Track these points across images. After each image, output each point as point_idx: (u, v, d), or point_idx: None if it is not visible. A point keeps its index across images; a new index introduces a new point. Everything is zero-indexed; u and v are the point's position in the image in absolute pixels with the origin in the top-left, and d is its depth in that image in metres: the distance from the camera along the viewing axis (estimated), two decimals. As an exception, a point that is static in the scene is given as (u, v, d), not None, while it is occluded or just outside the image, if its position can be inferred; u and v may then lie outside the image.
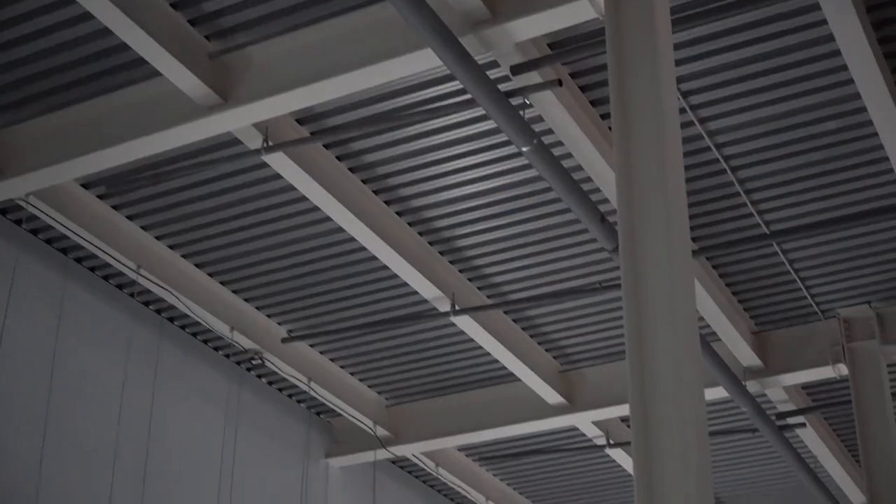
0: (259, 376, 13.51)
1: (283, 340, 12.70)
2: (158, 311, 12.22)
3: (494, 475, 16.34)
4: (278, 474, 13.66)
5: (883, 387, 12.19)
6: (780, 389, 13.33)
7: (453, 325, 12.28)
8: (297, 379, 13.03)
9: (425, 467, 15.21)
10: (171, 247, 11.39)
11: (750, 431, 14.31)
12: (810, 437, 14.43)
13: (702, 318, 11.90)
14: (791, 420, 13.89)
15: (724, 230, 11.13)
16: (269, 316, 12.54)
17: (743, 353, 12.56)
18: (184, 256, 11.54)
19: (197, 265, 11.68)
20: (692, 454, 6.13)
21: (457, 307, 11.68)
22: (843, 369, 12.50)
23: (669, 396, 6.26)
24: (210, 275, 11.83)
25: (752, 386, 12.77)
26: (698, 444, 6.21)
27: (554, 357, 13.41)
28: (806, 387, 13.96)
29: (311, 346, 13.14)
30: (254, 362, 12.75)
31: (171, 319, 12.36)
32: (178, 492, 12.15)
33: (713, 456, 15.66)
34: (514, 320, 12.69)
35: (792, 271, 11.82)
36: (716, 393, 12.60)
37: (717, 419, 14.58)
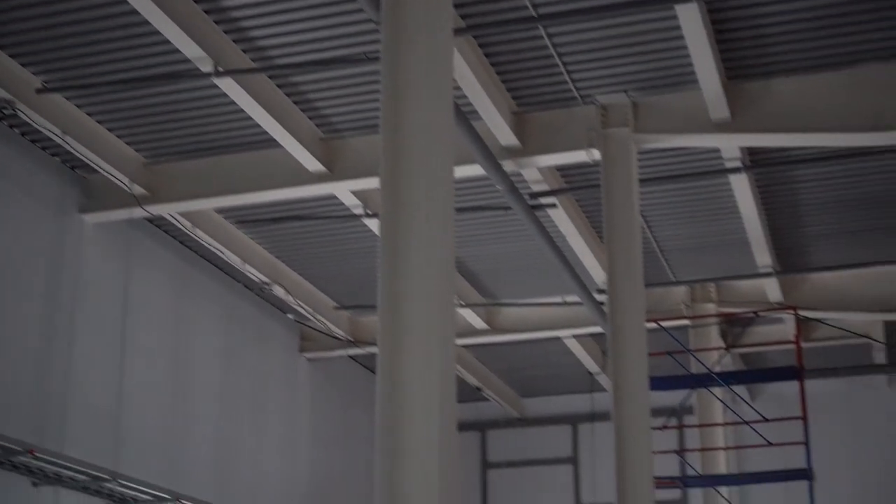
0: (11, 126, 13.08)
1: (38, 91, 12.27)
2: None
3: (252, 238, 16.42)
4: (30, 229, 13.40)
5: (631, 173, 12.64)
6: (535, 170, 13.69)
7: (216, 86, 12.08)
8: (51, 132, 12.68)
9: (182, 227, 15.15)
10: (-83, -16, 10.79)
11: (503, 209, 14.69)
12: (560, 218, 14.94)
13: (464, 96, 12.02)
14: (543, 200, 14.31)
15: (492, 9, 11.16)
16: (22, 65, 12.06)
17: (502, 132, 12.80)
18: (-68, -4, 10.95)
19: (-54, 6, 11.11)
20: (438, 224, 6.29)
21: (220, 69, 11.49)
22: (596, 154, 12.87)
23: (420, 168, 6.38)
24: (-40, 17, 11.29)
25: (508, 165, 13.06)
26: (445, 214, 6.38)
27: (317, 125, 13.40)
28: (560, 169, 14.35)
29: (68, 98, 12.76)
30: (5, 112, 12.31)
31: (-84, 61, 11.80)
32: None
33: (467, 231, 16.08)
34: (279, 86, 12.58)
35: (556, 55, 12.00)
36: (472, 170, 12.83)
37: (472, 195, 14.90)
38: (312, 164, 13.45)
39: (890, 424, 21.86)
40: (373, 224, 15.04)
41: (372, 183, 13.63)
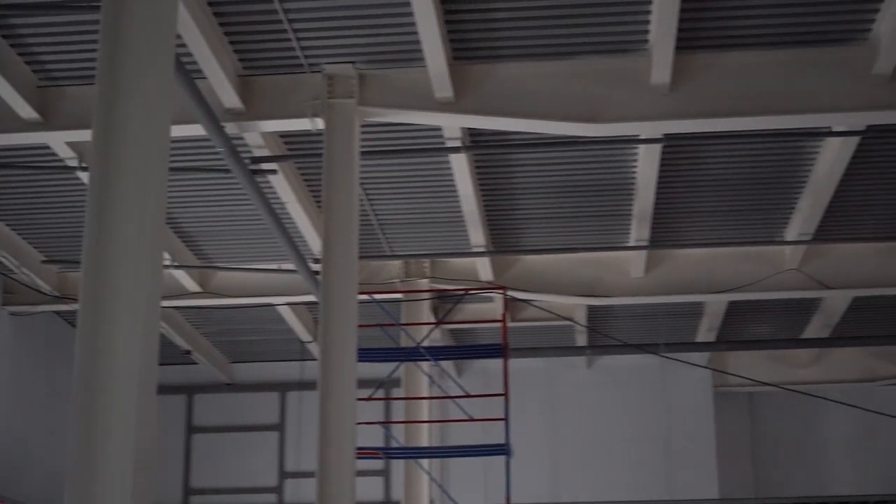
0: None
1: None
2: None
3: (-44, 185, 15.72)
4: None
5: (353, 144, 12.70)
6: (257, 134, 13.59)
7: (-75, 21, 11.50)
8: None
9: None
10: None
11: (223, 172, 14.50)
12: (281, 184, 14.89)
13: (188, 54, 11.82)
14: (264, 165, 14.22)
15: (222, -32, 11.02)
16: None
17: (226, 93, 12.64)
18: None
19: None
20: (150, 181, 6.18)
21: (-70, 3, 10.95)
22: (320, 123, 12.88)
23: (134, 123, 6.24)
24: None
25: (230, 127, 12.91)
26: (158, 172, 6.26)
27: (33, 71, 12.91)
28: (283, 135, 14.28)
29: None
30: None
31: None
32: None
33: (184, 191, 15.84)
34: (-6, 27, 12.09)
35: (285, 20, 11.93)
36: (193, 130, 12.61)
37: (192, 156, 14.65)
38: (26, 111, 12.95)
39: (586, 403, 22.79)
40: (87, 177, 14.59)
41: (88, 135, 13.22)
